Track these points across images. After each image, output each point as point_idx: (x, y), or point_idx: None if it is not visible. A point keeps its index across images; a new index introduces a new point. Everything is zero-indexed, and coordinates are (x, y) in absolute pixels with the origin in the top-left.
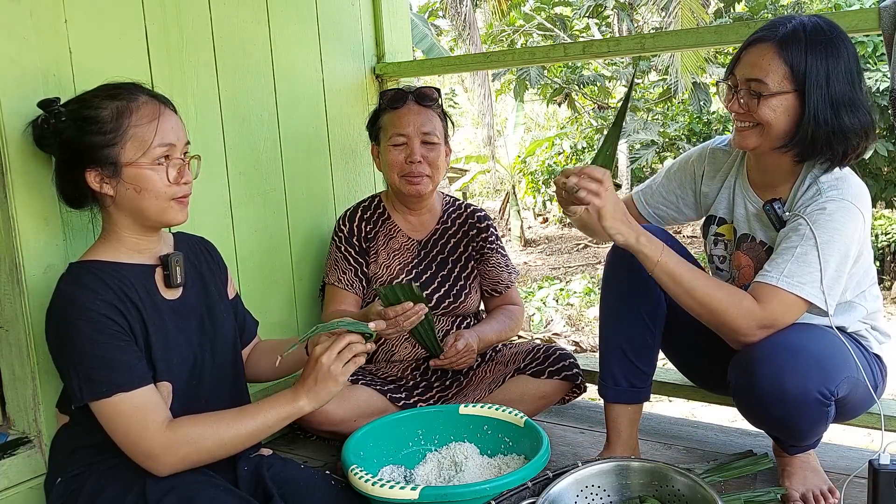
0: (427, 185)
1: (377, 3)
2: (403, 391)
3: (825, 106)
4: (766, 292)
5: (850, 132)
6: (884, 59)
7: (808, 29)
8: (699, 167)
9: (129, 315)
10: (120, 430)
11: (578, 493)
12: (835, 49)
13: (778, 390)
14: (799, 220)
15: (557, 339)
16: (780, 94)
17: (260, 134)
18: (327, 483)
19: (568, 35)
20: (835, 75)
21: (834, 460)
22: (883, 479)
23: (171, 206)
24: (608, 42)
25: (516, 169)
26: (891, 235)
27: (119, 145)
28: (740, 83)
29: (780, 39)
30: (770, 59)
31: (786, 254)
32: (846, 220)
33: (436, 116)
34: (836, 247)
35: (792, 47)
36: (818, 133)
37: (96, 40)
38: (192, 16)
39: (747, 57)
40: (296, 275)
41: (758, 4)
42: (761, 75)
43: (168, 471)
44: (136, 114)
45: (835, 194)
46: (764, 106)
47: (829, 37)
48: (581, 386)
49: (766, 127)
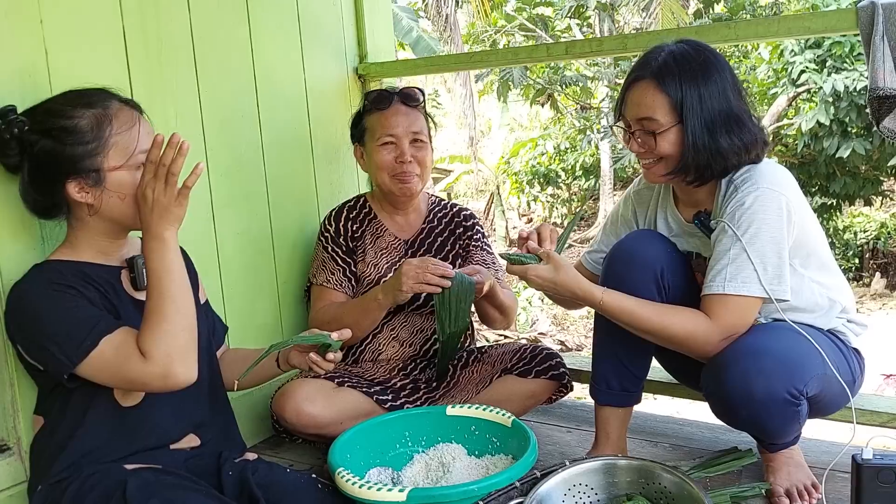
0: (417, 184)
1: (359, 4)
2: (390, 393)
3: (701, 131)
4: (715, 302)
5: (728, 152)
6: (861, 58)
7: (677, 58)
8: (629, 212)
9: (91, 295)
10: (114, 375)
11: (566, 493)
12: (705, 71)
13: (745, 393)
14: (723, 222)
15: (543, 338)
16: (672, 126)
17: (242, 136)
18: (314, 487)
19: (549, 35)
20: (707, 98)
21: (817, 455)
22: (865, 473)
23: None
24: (591, 42)
25: (500, 169)
26: (869, 233)
27: (102, 154)
28: (633, 123)
29: (655, 74)
30: (653, 96)
31: (721, 258)
32: (767, 206)
33: (421, 116)
34: (766, 236)
35: (667, 80)
36: (699, 158)
37: (73, 41)
38: (170, 16)
39: (631, 97)
40: (280, 277)
41: (736, 5)
42: (650, 113)
43: (184, 376)
44: (116, 121)
45: (749, 186)
46: (662, 141)
47: (697, 61)
48: (568, 385)
49: (668, 160)
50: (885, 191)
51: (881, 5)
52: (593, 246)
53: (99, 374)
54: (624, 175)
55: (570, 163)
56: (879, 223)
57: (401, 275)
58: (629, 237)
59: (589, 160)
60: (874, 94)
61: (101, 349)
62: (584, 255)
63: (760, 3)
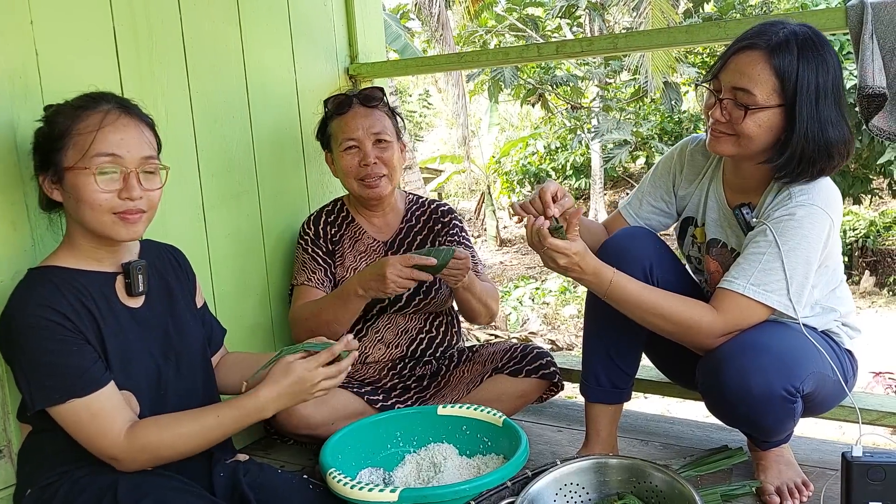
0: (386, 186)
1: (350, 4)
2: (381, 393)
3: (814, 123)
4: (730, 299)
5: (834, 149)
6: (850, 57)
7: (799, 39)
8: (679, 170)
9: (83, 323)
10: (80, 435)
11: (557, 492)
12: (824, 62)
13: (743, 389)
14: (767, 225)
15: (534, 337)
16: (767, 108)
17: (232, 135)
18: (305, 487)
19: (540, 35)
20: (823, 90)
21: (807, 453)
22: (856, 471)
23: (113, 221)
24: (581, 42)
25: (491, 169)
26: (858, 231)
27: (62, 151)
28: (725, 90)
29: (771, 48)
30: (760, 70)
31: (752, 259)
32: (814, 225)
33: (384, 116)
34: (803, 253)
35: (783, 58)
36: (806, 150)
37: (63, 41)
38: (161, 16)
39: (736, 63)
40: (270, 277)
41: (726, 4)
42: (750, 85)
43: (132, 470)
44: (85, 121)
45: (805, 199)
46: (749, 120)
47: (818, 48)
48: (558, 384)
49: (744, 139)
50: (875, 189)
51: (870, 4)
52: (639, 197)
53: (63, 425)
54: (614, 174)
55: (560, 162)
56: (869, 221)
57: (384, 277)
58: (621, 233)
59: (579, 160)
60: (863, 92)
61: (74, 407)
62: (625, 207)
63: (750, 2)
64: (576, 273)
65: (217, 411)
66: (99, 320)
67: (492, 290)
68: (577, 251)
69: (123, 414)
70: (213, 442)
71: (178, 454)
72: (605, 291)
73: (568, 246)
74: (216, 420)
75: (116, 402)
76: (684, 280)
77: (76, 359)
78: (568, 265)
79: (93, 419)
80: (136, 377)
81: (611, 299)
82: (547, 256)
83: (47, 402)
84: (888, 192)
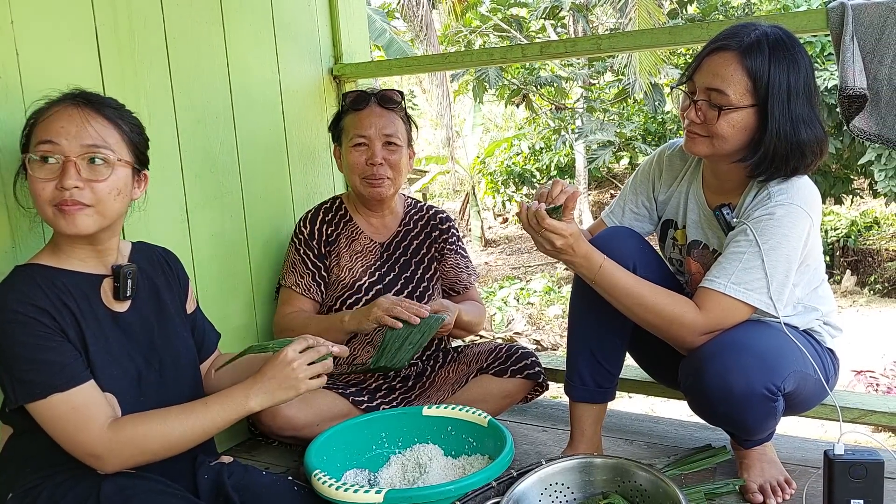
0: (388, 188)
1: (333, 4)
2: (366, 394)
3: (786, 122)
4: (711, 298)
5: (807, 147)
6: (832, 58)
7: (770, 39)
8: (658, 175)
9: (64, 321)
10: (59, 431)
11: (542, 492)
12: (795, 62)
13: (724, 388)
14: (747, 225)
15: (519, 338)
16: (741, 108)
17: (216, 136)
18: (290, 489)
19: (524, 36)
20: (795, 90)
21: (790, 451)
22: (838, 469)
23: (54, 213)
24: (565, 43)
25: (476, 170)
26: (839, 231)
27: (26, 145)
28: (699, 91)
29: (743, 50)
30: (733, 71)
31: (733, 258)
32: (794, 224)
33: (398, 119)
34: (784, 252)
35: (755, 59)
36: (778, 149)
37: (44, 41)
38: (143, 16)
39: (709, 65)
40: (255, 279)
41: (709, 6)
42: (723, 86)
43: (113, 470)
44: (45, 113)
45: (784, 198)
46: (723, 120)
47: (789, 49)
48: (543, 384)
49: (718, 139)
50: (856, 189)
51: (850, 6)
52: (621, 205)
53: (43, 423)
54: (598, 175)
55: (544, 163)
56: (850, 221)
57: (372, 305)
58: (606, 233)
59: (563, 160)
60: (844, 93)
61: (53, 402)
62: (608, 215)
63: (733, 3)
64: (568, 255)
65: (203, 401)
66: (80, 321)
67: (476, 312)
68: (572, 232)
69: (106, 409)
70: (202, 434)
71: (166, 446)
72: (593, 277)
73: (565, 227)
74: (203, 407)
75: (98, 399)
76: (668, 280)
77: (56, 354)
78: (563, 246)
79: (74, 413)
80: (116, 381)
81: (598, 285)
82: (543, 238)
83: (28, 397)
84: (869, 193)
